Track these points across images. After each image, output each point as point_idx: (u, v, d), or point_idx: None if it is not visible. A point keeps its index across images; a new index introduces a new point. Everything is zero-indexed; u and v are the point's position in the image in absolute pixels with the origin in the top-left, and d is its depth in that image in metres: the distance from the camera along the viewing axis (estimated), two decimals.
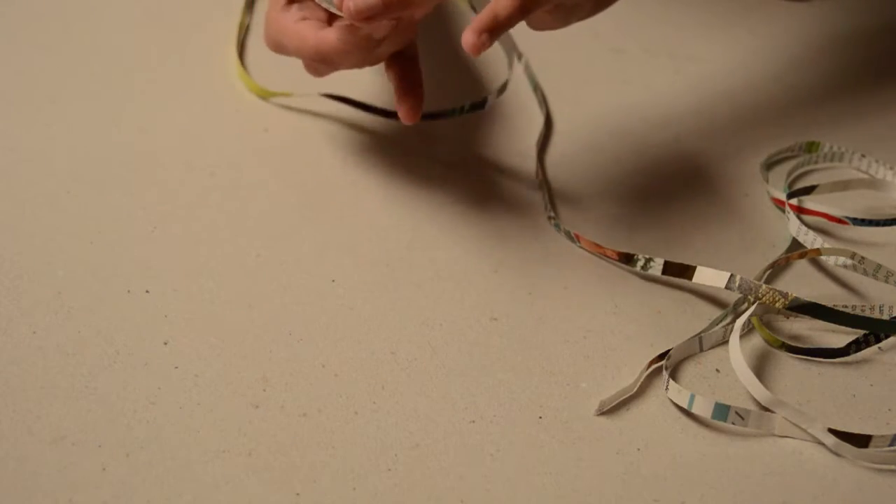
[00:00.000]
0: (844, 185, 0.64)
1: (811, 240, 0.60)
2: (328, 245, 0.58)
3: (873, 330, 0.53)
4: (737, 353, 0.52)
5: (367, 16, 0.51)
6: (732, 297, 0.56)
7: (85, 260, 0.55)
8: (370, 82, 0.70)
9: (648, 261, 0.56)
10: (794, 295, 0.53)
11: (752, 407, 0.50)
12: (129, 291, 0.53)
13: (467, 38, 0.50)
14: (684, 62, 0.77)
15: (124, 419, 0.47)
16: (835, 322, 0.53)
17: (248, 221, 0.59)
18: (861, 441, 0.48)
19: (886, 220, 0.62)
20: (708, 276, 0.54)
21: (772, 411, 0.50)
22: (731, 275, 0.53)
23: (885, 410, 0.51)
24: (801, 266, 0.60)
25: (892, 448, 0.48)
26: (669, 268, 0.56)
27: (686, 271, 0.55)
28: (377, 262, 0.57)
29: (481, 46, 0.51)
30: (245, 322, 0.52)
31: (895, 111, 0.75)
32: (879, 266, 0.57)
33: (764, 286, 0.53)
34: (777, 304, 0.53)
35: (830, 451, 0.49)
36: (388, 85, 0.60)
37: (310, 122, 0.67)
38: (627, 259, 0.57)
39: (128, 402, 0.47)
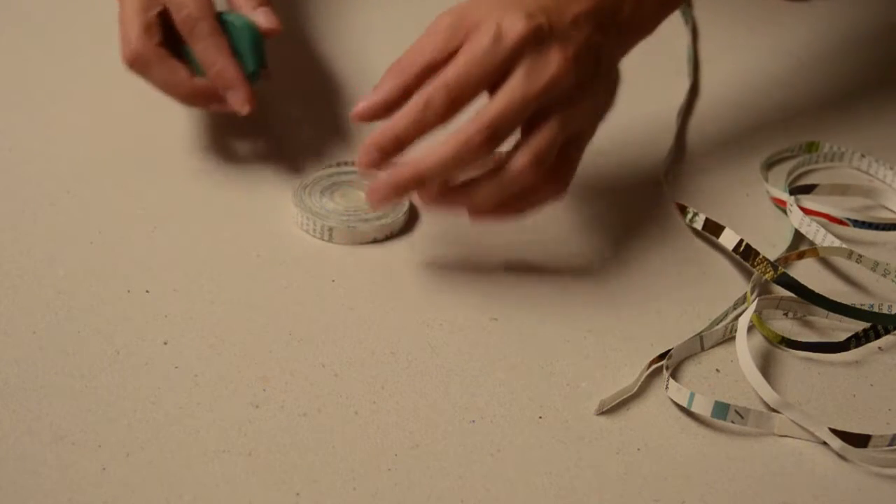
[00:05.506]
0: (843, 190, 0.64)
1: (814, 230, 0.60)
2: (328, 245, 0.58)
3: (854, 317, 0.54)
4: (745, 354, 0.52)
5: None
6: (732, 297, 0.56)
7: (85, 260, 0.55)
8: None
9: (695, 215, 0.61)
10: (784, 270, 0.54)
11: (754, 407, 0.50)
12: (129, 291, 0.53)
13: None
14: (685, 63, 0.77)
15: (124, 419, 0.47)
16: (817, 304, 0.54)
17: (248, 221, 0.59)
18: (860, 441, 0.48)
19: (886, 224, 0.62)
20: (726, 237, 0.58)
21: (778, 412, 0.50)
22: (740, 239, 0.56)
23: (885, 410, 0.51)
24: (805, 263, 0.60)
25: (891, 448, 0.48)
26: (708, 224, 0.60)
27: (718, 230, 0.58)
28: (377, 261, 0.57)
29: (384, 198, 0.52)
30: (245, 322, 0.52)
31: (895, 111, 0.75)
32: (877, 263, 0.57)
33: (761, 255, 0.55)
34: (766, 276, 0.54)
35: (835, 452, 0.48)
36: None
37: None
38: (682, 209, 0.62)
39: (128, 402, 0.47)
